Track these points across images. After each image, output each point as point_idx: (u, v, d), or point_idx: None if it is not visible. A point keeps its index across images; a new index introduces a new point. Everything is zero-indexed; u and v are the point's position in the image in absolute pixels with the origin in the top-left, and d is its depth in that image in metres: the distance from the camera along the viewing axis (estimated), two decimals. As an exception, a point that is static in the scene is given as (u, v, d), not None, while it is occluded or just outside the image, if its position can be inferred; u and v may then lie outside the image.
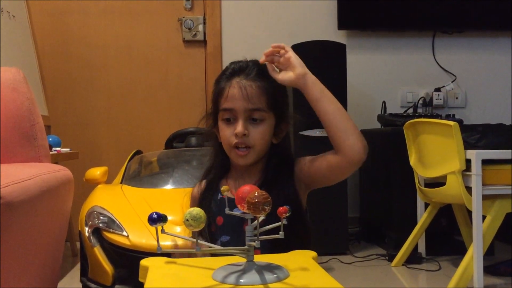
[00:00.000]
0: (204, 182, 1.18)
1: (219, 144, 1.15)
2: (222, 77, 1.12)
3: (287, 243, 0.99)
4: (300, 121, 1.20)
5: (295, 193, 1.12)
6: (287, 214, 0.76)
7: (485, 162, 2.01)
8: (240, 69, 1.10)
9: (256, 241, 0.75)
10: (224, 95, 1.09)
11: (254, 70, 1.09)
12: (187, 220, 0.71)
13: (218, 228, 1.11)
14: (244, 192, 0.77)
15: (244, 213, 0.78)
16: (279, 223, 0.77)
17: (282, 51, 1.08)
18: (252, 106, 1.07)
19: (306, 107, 1.12)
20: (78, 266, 1.90)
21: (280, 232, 0.76)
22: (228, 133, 1.08)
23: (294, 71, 1.07)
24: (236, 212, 0.83)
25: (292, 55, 1.08)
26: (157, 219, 0.72)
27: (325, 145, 1.10)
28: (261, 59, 1.09)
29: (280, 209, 0.75)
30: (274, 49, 1.09)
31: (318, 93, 1.08)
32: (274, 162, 1.13)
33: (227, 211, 0.85)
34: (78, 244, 1.96)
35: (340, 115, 1.05)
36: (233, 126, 1.08)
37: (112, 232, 1.74)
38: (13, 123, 1.50)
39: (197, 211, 0.71)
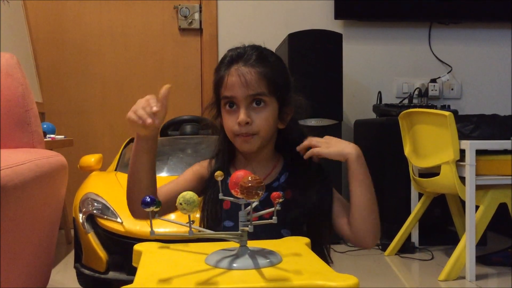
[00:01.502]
0: (213, 162, 1.16)
1: (224, 133, 1.13)
2: (220, 65, 1.11)
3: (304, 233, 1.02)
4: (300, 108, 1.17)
5: (318, 179, 1.12)
6: (280, 200, 0.76)
7: (479, 153, 2.02)
8: (238, 55, 1.08)
9: (249, 226, 0.75)
10: (223, 83, 1.08)
11: (253, 56, 1.08)
12: (180, 203, 0.71)
13: (224, 212, 1.10)
14: (237, 177, 0.77)
15: (237, 197, 0.78)
16: (272, 208, 0.77)
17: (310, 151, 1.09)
18: (252, 91, 1.05)
19: (302, 96, 1.12)
20: (72, 253, 1.90)
21: (273, 217, 0.76)
22: (231, 122, 1.07)
23: (330, 151, 1.09)
24: (229, 198, 0.82)
25: (319, 150, 1.08)
26: (150, 203, 0.72)
27: (319, 134, 1.10)
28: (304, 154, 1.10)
29: (274, 194, 0.75)
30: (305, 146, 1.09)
31: (360, 175, 1.10)
32: (286, 149, 1.13)
33: (221, 196, 0.85)
34: (72, 231, 1.96)
35: (368, 208, 1.06)
36: (235, 114, 1.07)
37: (106, 219, 1.74)
38: (7, 109, 1.49)
39: (190, 194, 0.71)
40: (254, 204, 0.77)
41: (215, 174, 0.85)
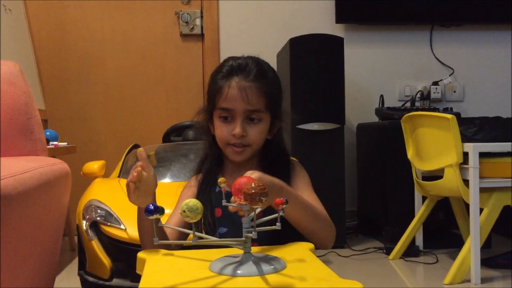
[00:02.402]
0: (200, 175, 1.19)
1: (213, 137, 1.15)
2: (218, 74, 1.11)
3: (287, 238, 1.00)
4: (297, 115, 1.21)
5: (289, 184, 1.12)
6: (284, 206, 0.76)
7: (483, 155, 2.01)
8: (239, 67, 1.09)
9: (253, 233, 0.75)
10: (222, 94, 1.08)
11: (254, 70, 1.08)
12: (184, 211, 0.71)
13: (216, 220, 1.11)
14: (241, 184, 0.77)
15: (241, 204, 0.78)
16: (276, 214, 0.77)
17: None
18: (252, 107, 1.07)
19: (303, 103, 1.12)
20: (76, 260, 1.90)
21: (277, 223, 0.76)
22: (225, 132, 1.08)
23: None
24: (232, 204, 0.82)
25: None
26: (154, 211, 0.72)
27: (321, 138, 1.11)
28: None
29: (277, 200, 0.75)
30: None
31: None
32: (270, 157, 1.14)
33: (224, 202, 0.85)
34: (76, 238, 1.96)
35: (306, 219, 1.02)
36: (230, 125, 1.08)
37: (110, 226, 1.74)
38: (10, 117, 1.50)
39: (193, 202, 0.71)
40: (257, 211, 0.77)
41: (218, 181, 0.85)
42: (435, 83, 3.17)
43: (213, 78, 1.13)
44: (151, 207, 0.72)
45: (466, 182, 2.03)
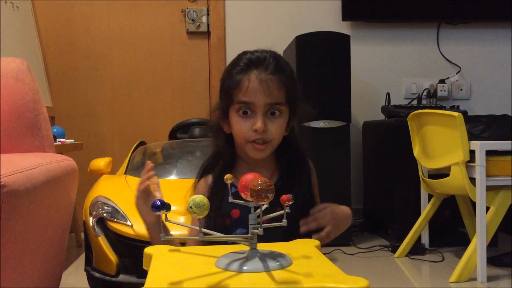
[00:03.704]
0: (210, 176, 1.14)
1: (226, 136, 1.12)
2: (235, 68, 1.08)
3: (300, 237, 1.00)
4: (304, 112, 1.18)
5: (311, 188, 1.12)
6: (290, 202, 0.76)
7: (489, 153, 2.00)
8: (257, 60, 1.06)
9: (259, 229, 0.75)
10: (242, 88, 1.05)
11: (273, 63, 1.06)
12: (191, 207, 0.71)
13: (234, 221, 1.08)
14: (247, 180, 0.77)
15: (247, 201, 0.78)
16: (283, 211, 0.77)
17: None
18: (273, 100, 1.04)
19: (310, 99, 1.12)
20: (83, 256, 1.91)
21: (284, 220, 0.76)
22: (245, 128, 1.05)
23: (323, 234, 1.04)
24: (239, 201, 0.83)
25: (329, 231, 1.04)
26: (160, 207, 0.72)
27: (327, 136, 1.11)
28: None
29: (283, 196, 0.75)
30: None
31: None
32: (286, 155, 1.12)
33: (230, 199, 0.85)
34: (82, 234, 1.97)
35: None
36: (249, 120, 1.05)
37: (116, 222, 1.74)
38: (18, 113, 1.51)
39: (200, 198, 0.72)
40: (264, 207, 0.77)
41: (225, 177, 0.85)
42: (442, 81, 3.16)
43: (229, 72, 1.09)
44: (158, 203, 0.72)
45: (472, 180, 2.02)
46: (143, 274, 0.79)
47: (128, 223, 1.73)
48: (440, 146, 2.18)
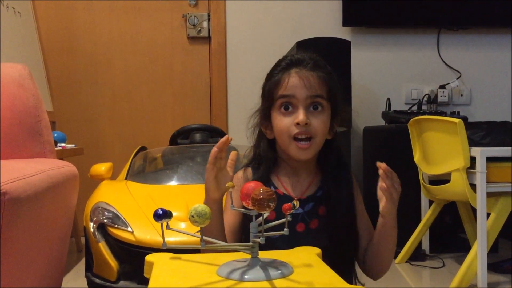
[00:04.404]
0: (249, 170, 1.13)
1: (268, 140, 1.12)
2: (275, 70, 1.10)
3: (339, 251, 1.02)
4: None
5: (352, 197, 1.12)
6: (292, 211, 0.76)
7: (490, 160, 2.00)
8: (297, 61, 1.09)
9: (260, 238, 0.76)
10: (282, 84, 1.06)
11: (311, 62, 1.08)
12: (192, 216, 0.72)
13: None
14: (249, 189, 0.77)
15: (248, 209, 0.78)
16: (284, 219, 0.77)
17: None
18: (313, 93, 1.05)
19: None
20: (83, 261, 1.91)
21: (285, 229, 0.76)
22: (288, 123, 1.05)
23: (383, 203, 1.10)
24: (241, 209, 0.83)
25: (391, 191, 1.09)
26: (162, 215, 0.72)
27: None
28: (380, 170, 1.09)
29: (285, 205, 0.75)
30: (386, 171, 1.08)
31: (396, 222, 1.11)
32: (330, 161, 1.12)
33: (232, 207, 0.85)
34: (83, 239, 1.97)
35: (390, 252, 1.09)
36: (291, 115, 1.05)
37: (117, 228, 1.74)
38: (19, 119, 1.51)
39: (202, 207, 0.72)
40: (265, 215, 0.77)
41: (227, 185, 0.85)
42: (442, 87, 3.16)
43: (269, 75, 1.11)
44: (160, 211, 0.72)
45: (473, 186, 2.02)
46: (144, 280, 0.79)
47: (129, 229, 1.73)
48: (440, 152, 2.18)
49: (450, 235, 2.65)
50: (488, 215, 2.03)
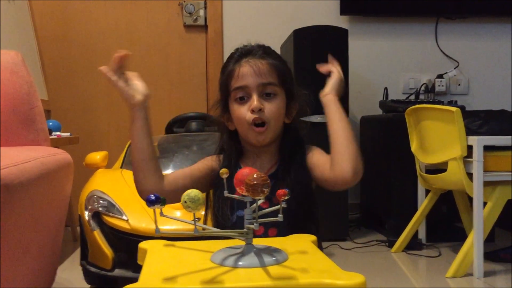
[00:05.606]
0: (221, 158, 1.18)
1: (230, 132, 1.17)
2: (229, 61, 1.15)
3: (303, 226, 1.04)
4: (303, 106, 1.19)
5: (309, 176, 1.13)
6: (286, 197, 0.75)
7: (487, 149, 2.00)
8: (247, 51, 1.13)
9: (254, 224, 0.75)
10: (234, 75, 1.11)
11: (261, 50, 1.13)
12: (185, 202, 0.71)
13: (236, 203, 1.10)
14: (243, 175, 0.76)
15: (243, 195, 0.77)
16: (278, 206, 0.76)
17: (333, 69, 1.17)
18: (265, 80, 1.10)
19: (307, 92, 1.14)
20: (78, 250, 1.90)
21: (279, 215, 0.75)
22: (243, 111, 1.10)
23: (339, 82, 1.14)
24: (236, 196, 0.82)
25: (334, 76, 1.15)
26: (155, 201, 0.71)
27: (324, 131, 1.11)
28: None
29: (279, 191, 0.74)
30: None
31: (341, 112, 1.10)
32: (288, 142, 1.16)
33: (225, 194, 0.84)
34: (78, 228, 1.96)
35: (348, 139, 1.06)
36: (246, 103, 1.10)
37: (112, 216, 1.74)
38: (12, 107, 1.49)
39: (195, 192, 0.71)
40: (259, 202, 0.77)
41: (220, 171, 0.84)
42: (440, 76, 3.15)
43: (223, 68, 1.16)
44: (152, 197, 0.71)
45: (470, 175, 2.02)
46: (139, 268, 0.78)
47: (124, 217, 1.72)
48: (437, 141, 2.17)
49: (447, 224, 2.65)
50: (485, 204, 2.03)
